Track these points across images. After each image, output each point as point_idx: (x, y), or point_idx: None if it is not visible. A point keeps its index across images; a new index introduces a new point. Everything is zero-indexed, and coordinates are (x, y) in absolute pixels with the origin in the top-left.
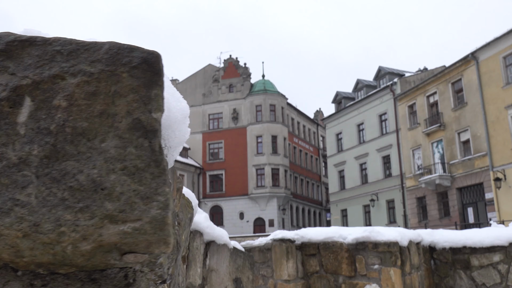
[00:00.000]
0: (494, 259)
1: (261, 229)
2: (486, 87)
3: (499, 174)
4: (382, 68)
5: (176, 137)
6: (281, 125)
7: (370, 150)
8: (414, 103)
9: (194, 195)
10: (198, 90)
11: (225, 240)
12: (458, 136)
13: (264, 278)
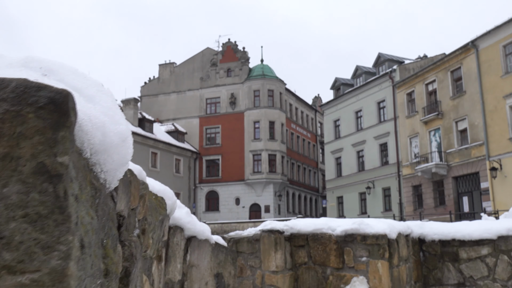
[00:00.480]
0: (482, 252)
1: (257, 215)
2: (485, 76)
3: (495, 164)
4: (381, 54)
5: (114, 161)
6: (279, 111)
7: (368, 137)
8: (413, 90)
9: (172, 192)
10: (195, 74)
11: (206, 235)
12: (455, 125)
13: (252, 269)
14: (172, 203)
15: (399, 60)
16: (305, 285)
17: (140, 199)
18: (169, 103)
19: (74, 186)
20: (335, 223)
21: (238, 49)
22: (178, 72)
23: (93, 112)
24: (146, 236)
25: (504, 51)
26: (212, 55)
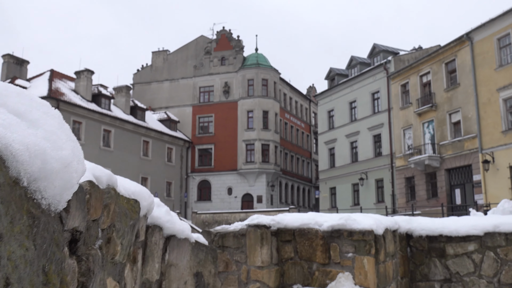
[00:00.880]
0: (469, 249)
1: (249, 205)
2: (479, 69)
3: (488, 157)
4: (376, 45)
5: (56, 187)
6: (273, 100)
7: (362, 128)
8: (407, 82)
9: (148, 192)
10: (189, 62)
11: (186, 234)
12: (449, 117)
13: (238, 263)
14: (148, 204)
15: (394, 51)
16: (291, 281)
17: (104, 209)
18: (161, 91)
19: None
20: (322, 218)
21: (232, 37)
22: (171, 59)
23: (32, 139)
24: (113, 244)
25: (498, 44)
26: (206, 43)
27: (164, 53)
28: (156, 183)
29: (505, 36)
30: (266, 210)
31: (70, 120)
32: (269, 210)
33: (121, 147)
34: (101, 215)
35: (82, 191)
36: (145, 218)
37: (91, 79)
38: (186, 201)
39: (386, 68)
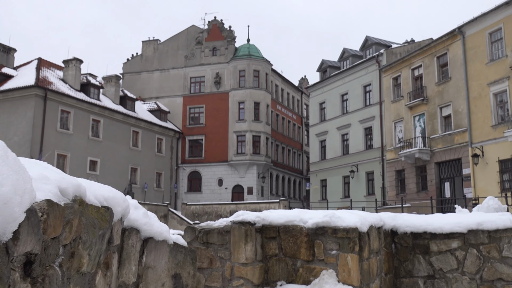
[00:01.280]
0: (453, 246)
1: (240, 196)
2: (471, 63)
3: (477, 151)
4: (369, 38)
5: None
6: (264, 92)
7: (353, 121)
8: (399, 75)
9: (123, 197)
10: (180, 52)
11: (164, 236)
12: (440, 111)
13: (222, 260)
14: (122, 209)
15: (386, 44)
16: (275, 277)
17: (66, 225)
18: (152, 81)
19: None
20: (307, 215)
21: (224, 27)
22: (162, 49)
23: None
24: (78, 257)
25: (490, 39)
26: (197, 33)
27: (154, 42)
28: (146, 173)
29: (496, 31)
30: (257, 202)
31: (58, 110)
32: (259, 202)
33: (110, 137)
34: (63, 232)
35: (35, 215)
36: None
37: (80, 68)
38: (176, 192)
39: (378, 61)
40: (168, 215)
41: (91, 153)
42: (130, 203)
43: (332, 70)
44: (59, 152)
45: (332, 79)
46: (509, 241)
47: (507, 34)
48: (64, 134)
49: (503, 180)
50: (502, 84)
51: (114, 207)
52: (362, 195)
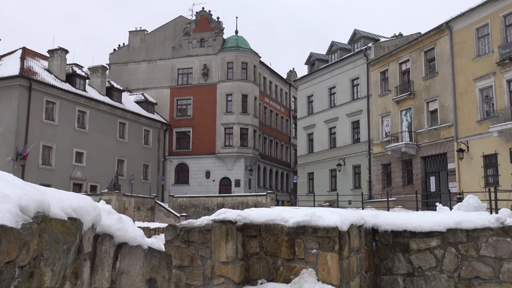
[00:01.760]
0: (432, 244)
1: (227, 189)
2: (458, 58)
3: (463, 146)
4: (357, 31)
5: None
6: (252, 84)
7: (340, 114)
8: (387, 69)
9: (93, 205)
10: (167, 43)
11: (139, 241)
12: (426, 106)
13: (203, 259)
14: (93, 218)
15: (374, 38)
16: (256, 275)
17: (23, 247)
18: (139, 72)
19: None
20: (288, 214)
21: (212, 18)
22: (149, 40)
23: None
24: (37, 276)
25: (477, 34)
26: (185, 23)
27: (141, 33)
28: (132, 165)
29: (483, 27)
30: (244, 194)
31: (44, 100)
32: (246, 195)
33: (96, 128)
34: (19, 254)
35: None
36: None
37: (65, 58)
38: (163, 184)
39: (366, 54)
40: (155, 207)
41: (77, 145)
42: (104, 208)
43: (320, 63)
44: (44, 143)
45: (320, 72)
46: (487, 240)
47: (494, 30)
48: (49, 125)
49: (487, 175)
50: (488, 80)
51: (83, 216)
52: (349, 188)
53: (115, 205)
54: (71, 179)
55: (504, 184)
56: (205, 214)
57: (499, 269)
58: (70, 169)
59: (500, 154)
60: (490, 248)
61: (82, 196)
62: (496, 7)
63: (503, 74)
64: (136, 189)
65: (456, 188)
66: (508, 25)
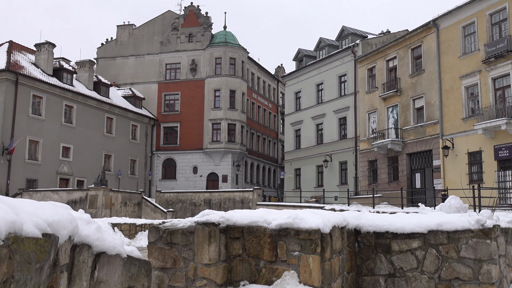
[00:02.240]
0: (413, 245)
1: (214, 184)
2: (444, 56)
3: (448, 143)
4: (345, 28)
5: None
6: (240, 80)
7: (328, 111)
8: (374, 66)
9: (69, 218)
10: (155, 38)
11: (118, 250)
12: (413, 103)
13: (186, 261)
14: (69, 231)
15: (362, 35)
16: (239, 277)
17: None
18: (127, 66)
19: None
20: (271, 216)
21: (200, 13)
22: (137, 34)
23: None
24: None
25: (463, 32)
26: (173, 18)
27: (129, 27)
28: (120, 160)
29: (470, 25)
30: (231, 190)
31: (30, 95)
32: (233, 191)
33: (83, 123)
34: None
35: None
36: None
37: (52, 52)
38: (150, 179)
39: (354, 51)
40: (142, 202)
41: (64, 139)
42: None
43: (308, 59)
44: (31, 138)
45: (308, 68)
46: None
47: (480, 28)
48: (36, 119)
49: (472, 172)
50: (474, 78)
51: (59, 231)
52: (335, 184)
53: (102, 200)
54: (57, 174)
55: (488, 181)
56: (192, 209)
57: (478, 270)
58: (57, 164)
59: (485, 152)
60: (470, 249)
61: (58, 209)
62: (483, 5)
63: (489, 72)
64: (123, 184)
65: (441, 184)
66: (494, 24)
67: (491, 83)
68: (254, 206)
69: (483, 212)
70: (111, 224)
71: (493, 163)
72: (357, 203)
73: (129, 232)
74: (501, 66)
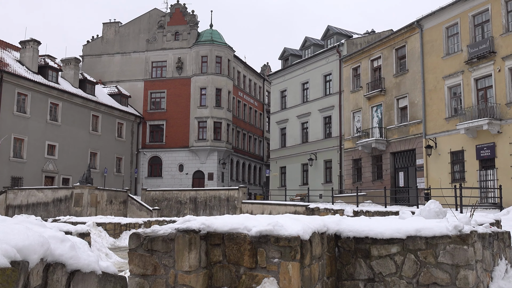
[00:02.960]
0: (392, 251)
1: (200, 182)
2: (427, 56)
3: (431, 142)
4: (330, 27)
5: None
6: (226, 78)
7: (313, 109)
8: (359, 66)
9: (40, 242)
10: (141, 36)
11: (93, 267)
12: (397, 102)
13: (166, 268)
14: (40, 255)
15: (347, 34)
16: (219, 283)
17: None
18: (112, 64)
19: None
20: (251, 223)
21: (187, 12)
22: (123, 32)
23: None
24: None
25: (446, 33)
26: (159, 16)
27: (115, 24)
28: (105, 158)
29: (453, 26)
30: (216, 188)
31: (15, 92)
32: (219, 189)
33: (69, 121)
34: None
35: None
36: (42, 263)
37: (38, 49)
38: (136, 177)
39: (339, 51)
40: (128, 201)
41: (49, 137)
42: (57, 236)
43: (294, 58)
44: (16, 136)
45: (294, 67)
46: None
47: (463, 29)
48: (21, 117)
49: (454, 171)
50: (457, 78)
51: (30, 256)
52: (320, 182)
53: (87, 199)
54: (43, 172)
55: (470, 180)
56: (178, 208)
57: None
58: (42, 162)
59: (467, 151)
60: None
61: (29, 232)
62: (465, 6)
63: (471, 73)
64: (109, 182)
65: (424, 183)
66: (476, 25)
67: (474, 83)
68: (239, 205)
69: (461, 217)
70: (96, 223)
71: (475, 163)
72: (342, 202)
73: (113, 232)
74: (484, 67)
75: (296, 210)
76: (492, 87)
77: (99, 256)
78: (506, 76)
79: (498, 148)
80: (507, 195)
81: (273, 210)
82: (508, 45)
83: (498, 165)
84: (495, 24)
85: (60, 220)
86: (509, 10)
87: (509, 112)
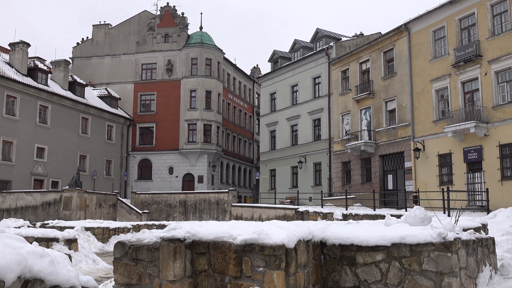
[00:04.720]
0: (377, 258)
1: (190, 185)
2: (415, 59)
3: (419, 145)
4: (319, 30)
5: None
6: (216, 80)
7: (302, 112)
8: (348, 68)
9: (16, 261)
10: (131, 38)
11: (72, 282)
12: (385, 105)
13: (151, 277)
14: (17, 273)
15: (336, 37)
16: None
17: None
18: (102, 66)
19: None
20: (236, 232)
21: (177, 14)
22: (113, 34)
23: None
24: None
25: (433, 36)
26: (149, 18)
27: (105, 26)
28: (95, 161)
29: (440, 29)
30: (206, 191)
31: (4, 95)
32: (208, 192)
33: (58, 124)
34: None
35: None
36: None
37: (27, 51)
38: (126, 180)
39: (328, 53)
40: (117, 204)
41: (38, 140)
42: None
43: (283, 60)
44: (4, 138)
45: (283, 70)
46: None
47: (450, 32)
48: (10, 120)
49: (442, 173)
50: (444, 81)
51: (6, 275)
52: (310, 185)
53: (77, 202)
54: (32, 175)
55: (458, 183)
56: (168, 211)
57: (440, 283)
58: (31, 164)
59: (454, 154)
60: (432, 262)
61: (6, 250)
62: (452, 10)
63: (458, 76)
64: (99, 184)
65: (412, 186)
66: (463, 28)
67: (461, 86)
68: (229, 208)
69: (445, 224)
70: (84, 228)
71: (463, 165)
72: (331, 205)
73: (102, 236)
74: (470, 70)
75: (285, 213)
76: (478, 90)
77: (86, 261)
78: (492, 80)
79: (485, 151)
80: (494, 198)
81: (263, 213)
82: (494, 49)
83: (485, 168)
84: (481, 28)
85: (49, 224)
86: (495, 14)
87: (495, 115)
